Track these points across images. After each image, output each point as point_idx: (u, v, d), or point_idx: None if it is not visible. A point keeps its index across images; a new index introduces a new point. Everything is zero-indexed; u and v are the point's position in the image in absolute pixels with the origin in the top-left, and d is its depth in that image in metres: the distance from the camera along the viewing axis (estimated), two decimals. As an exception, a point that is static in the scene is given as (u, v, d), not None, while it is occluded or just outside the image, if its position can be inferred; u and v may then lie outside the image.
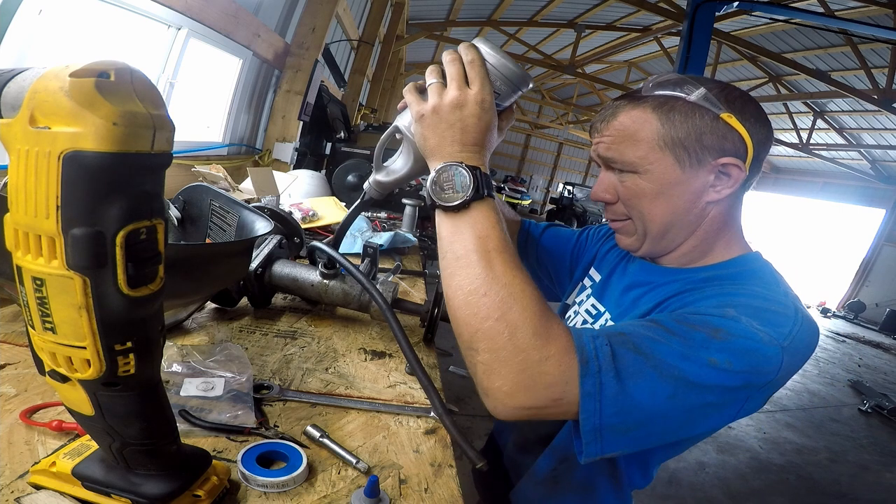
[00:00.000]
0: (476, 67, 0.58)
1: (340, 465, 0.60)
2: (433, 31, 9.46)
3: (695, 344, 0.52)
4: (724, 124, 0.63)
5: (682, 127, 0.63)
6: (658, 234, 0.70)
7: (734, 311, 0.55)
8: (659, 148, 0.65)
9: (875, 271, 11.70)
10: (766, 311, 0.56)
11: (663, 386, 0.50)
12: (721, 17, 6.48)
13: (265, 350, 0.87)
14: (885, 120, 9.54)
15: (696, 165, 0.64)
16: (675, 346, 0.52)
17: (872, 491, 3.24)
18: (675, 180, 0.65)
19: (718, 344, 0.52)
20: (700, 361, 0.51)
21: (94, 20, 1.68)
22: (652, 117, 0.65)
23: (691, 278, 0.69)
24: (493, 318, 0.50)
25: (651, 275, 0.76)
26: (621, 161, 0.68)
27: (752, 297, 0.59)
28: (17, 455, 0.51)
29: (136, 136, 0.32)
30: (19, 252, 0.34)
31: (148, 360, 0.40)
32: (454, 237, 0.56)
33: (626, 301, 0.77)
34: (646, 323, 0.56)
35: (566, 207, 16.13)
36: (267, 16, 2.93)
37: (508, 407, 0.50)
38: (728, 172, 0.64)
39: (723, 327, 0.53)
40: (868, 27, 5.01)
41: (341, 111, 4.46)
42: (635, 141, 0.66)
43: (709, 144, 0.63)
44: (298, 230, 1.34)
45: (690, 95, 0.64)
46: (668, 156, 0.65)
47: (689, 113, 0.63)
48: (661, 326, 0.55)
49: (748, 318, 0.54)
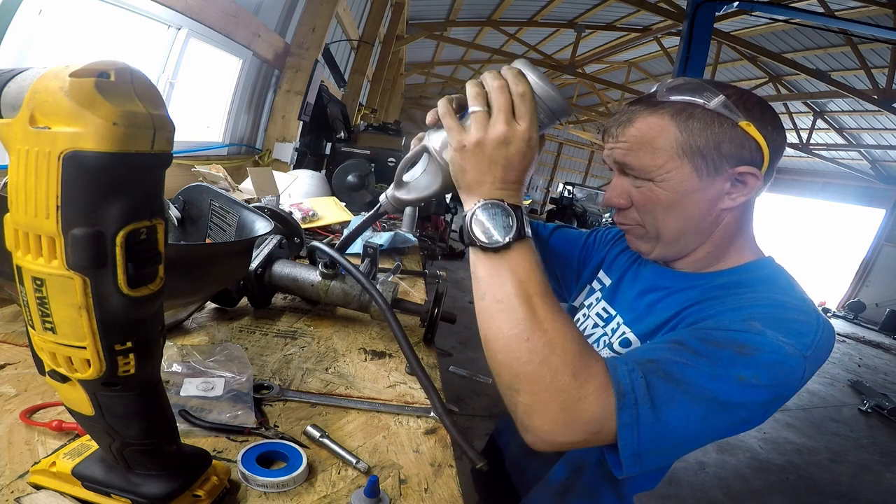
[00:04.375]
0: (527, 102, 0.53)
1: (340, 465, 0.60)
2: (433, 31, 9.45)
3: (722, 363, 0.53)
4: (743, 132, 0.62)
5: (701, 135, 0.62)
6: (671, 240, 0.69)
7: (759, 323, 0.55)
8: (677, 156, 0.64)
9: (875, 271, 11.70)
10: (790, 320, 0.57)
11: (696, 409, 0.52)
12: (721, 17, 6.48)
13: (265, 350, 0.87)
14: (885, 120, 9.54)
15: (713, 174, 0.64)
16: (703, 369, 0.53)
17: (872, 491, 3.24)
18: (691, 189, 0.64)
19: (745, 360, 0.53)
20: (729, 380, 0.52)
21: (94, 20, 1.68)
22: (670, 125, 0.64)
23: (708, 284, 0.68)
24: (535, 363, 0.51)
25: (666, 279, 0.75)
26: (638, 168, 0.66)
27: (774, 306, 0.59)
28: (17, 455, 0.51)
29: (136, 136, 0.32)
30: (19, 252, 0.34)
31: (148, 360, 0.40)
32: (493, 279, 0.54)
33: (640, 306, 0.76)
34: (672, 345, 0.56)
35: (566, 207, 16.13)
36: (267, 16, 2.93)
37: (549, 443, 0.52)
38: (744, 181, 0.64)
39: (748, 343, 0.54)
40: (868, 27, 5.01)
41: (341, 111, 4.46)
42: (653, 149, 0.65)
43: (727, 153, 0.62)
44: (298, 230, 1.34)
45: (710, 103, 0.62)
46: (685, 164, 0.64)
47: (708, 121, 0.62)
48: (688, 348, 0.55)
49: (773, 331, 0.54)
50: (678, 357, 0.54)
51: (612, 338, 0.77)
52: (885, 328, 10.11)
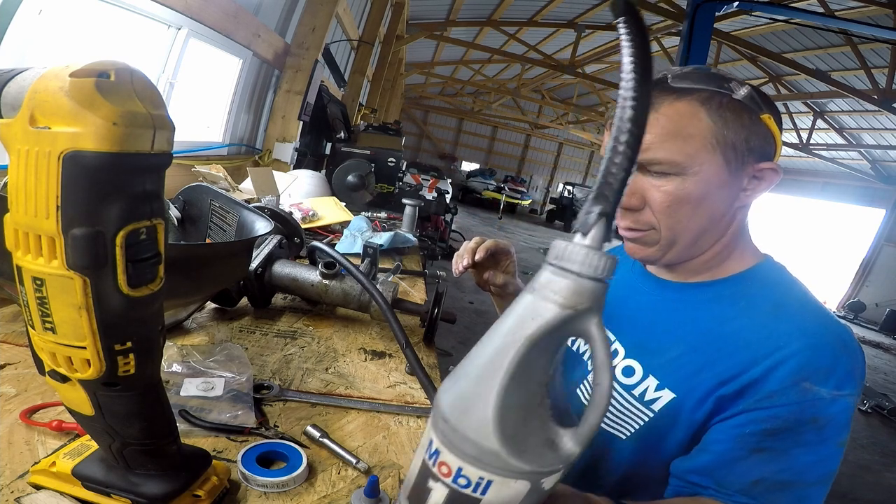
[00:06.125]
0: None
1: (340, 465, 0.60)
2: (433, 31, 9.46)
3: (815, 446, 0.55)
4: (765, 126, 0.59)
5: (734, 126, 0.58)
6: (690, 242, 0.64)
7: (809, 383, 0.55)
8: (711, 147, 0.59)
9: (875, 271, 11.70)
10: (834, 364, 0.56)
11: (823, 489, 0.56)
12: (721, 17, 6.48)
13: (265, 350, 0.87)
14: (885, 120, 9.54)
15: (739, 168, 0.60)
16: (807, 461, 0.55)
17: (872, 491, 3.23)
18: (720, 184, 0.60)
19: (830, 431, 0.55)
20: (833, 454, 0.55)
21: (94, 20, 1.68)
22: (701, 111, 0.58)
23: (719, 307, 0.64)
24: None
25: (665, 295, 0.70)
26: (668, 161, 0.59)
27: (815, 354, 0.56)
28: (17, 455, 0.51)
29: (136, 136, 0.32)
30: (19, 252, 0.34)
31: (148, 360, 0.40)
32: None
33: (642, 330, 0.70)
34: (759, 454, 0.56)
35: (566, 207, 16.15)
36: (267, 16, 2.93)
37: None
38: (762, 176, 0.62)
39: (820, 415, 0.55)
40: (868, 27, 5.01)
41: (341, 111, 4.46)
42: (685, 137, 0.59)
43: (753, 147, 0.60)
44: (298, 230, 1.34)
45: (737, 92, 0.59)
46: (718, 156, 0.59)
47: (738, 111, 0.58)
48: (776, 451, 0.56)
49: (830, 390, 0.55)
50: (776, 465, 0.55)
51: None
52: (885, 328, 10.11)
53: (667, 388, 0.63)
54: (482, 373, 0.33)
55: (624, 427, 0.67)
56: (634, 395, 0.66)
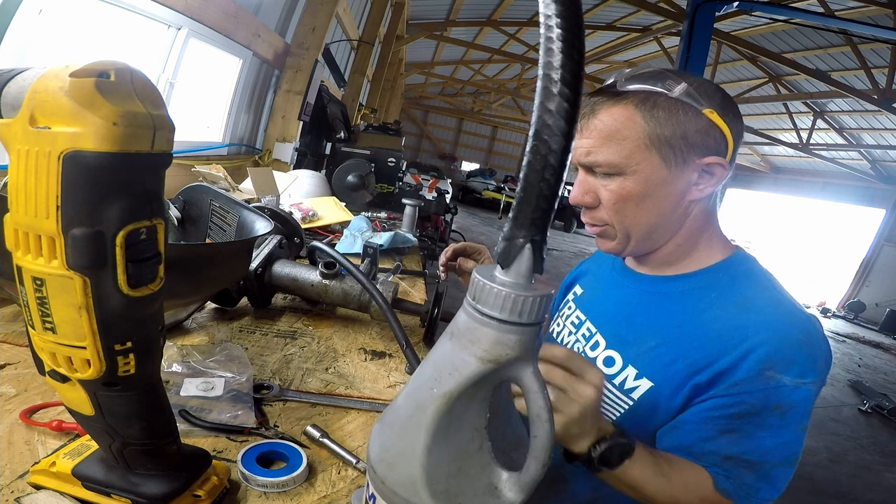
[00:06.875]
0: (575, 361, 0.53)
1: (340, 465, 0.60)
2: (433, 31, 9.46)
3: (779, 429, 0.60)
4: (707, 121, 0.61)
5: (668, 124, 0.61)
6: (643, 236, 0.68)
7: (773, 371, 0.59)
8: (645, 147, 0.62)
9: (875, 271, 11.69)
10: (797, 354, 0.60)
11: (789, 470, 0.61)
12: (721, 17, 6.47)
13: (265, 350, 0.87)
14: (885, 120, 9.53)
15: (681, 164, 0.63)
16: (771, 444, 0.60)
17: (872, 491, 3.23)
18: (661, 180, 0.64)
19: (792, 417, 0.59)
20: (796, 438, 0.60)
21: (94, 20, 1.68)
22: (636, 114, 0.62)
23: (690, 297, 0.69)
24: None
25: (639, 287, 0.75)
26: (606, 164, 0.64)
27: (780, 345, 0.60)
28: (17, 455, 0.51)
29: (136, 136, 0.32)
30: (19, 252, 0.34)
31: (148, 360, 0.40)
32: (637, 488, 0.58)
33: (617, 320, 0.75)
34: (728, 435, 0.60)
35: (566, 207, 16.10)
36: (267, 16, 2.93)
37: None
38: (712, 171, 0.64)
39: (782, 402, 0.59)
40: (868, 27, 5.00)
41: (341, 111, 4.46)
42: (620, 140, 0.63)
43: (694, 142, 0.62)
44: (298, 230, 1.34)
45: (672, 91, 0.61)
46: (654, 155, 0.63)
47: (672, 109, 0.61)
48: (744, 433, 0.60)
49: (792, 378, 0.59)
50: (743, 447, 0.60)
51: (587, 347, 0.76)
52: (885, 328, 10.09)
53: (645, 377, 0.67)
54: (404, 428, 0.30)
55: (606, 416, 0.69)
56: (615, 385, 0.70)
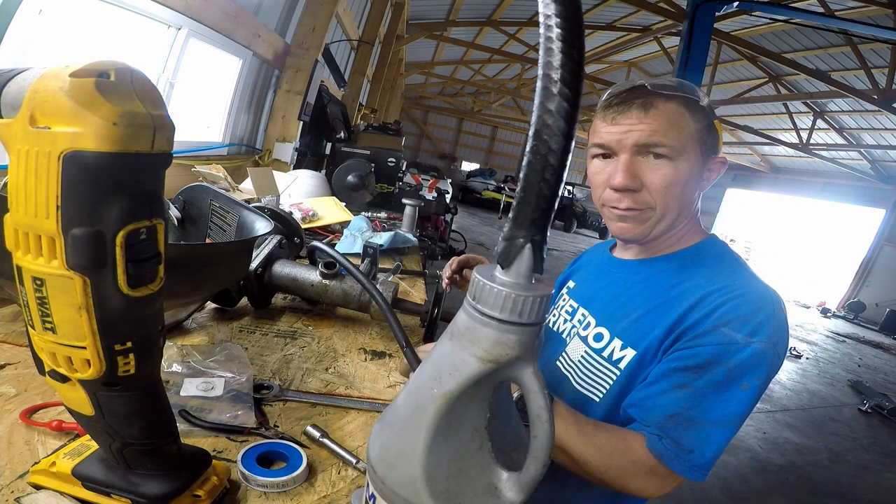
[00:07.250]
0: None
1: (340, 465, 0.60)
2: (433, 31, 9.45)
3: (723, 386, 0.64)
4: (716, 129, 0.75)
5: (704, 127, 0.73)
6: (673, 219, 0.76)
7: (727, 328, 0.65)
8: (694, 141, 0.72)
9: (875, 271, 11.69)
10: (751, 315, 0.66)
11: (724, 431, 0.65)
12: (721, 17, 6.47)
13: (265, 350, 0.87)
14: (885, 120, 9.52)
15: (705, 160, 0.74)
16: (714, 401, 0.64)
17: (872, 491, 3.23)
18: (697, 172, 0.74)
19: (737, 373, 0.64)
20: (737, 397, 0.64)
21: (94, 20, 1.68)
22: (686, 112, 0.72)
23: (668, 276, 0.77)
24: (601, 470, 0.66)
25: (625, 271, 0.83)
26: (670, 146, 0.71)
27: (737, 306, 0.66)
28: (17, 455, 0.51)
29: (136, 136, 0.32)
30: (19, 252, 0.34)
31: (148, 360, 0.40)
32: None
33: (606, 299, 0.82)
34: (678, 391, 0.66)
35: (566, 207, 16.10)
36: (267, 16, 2.93)
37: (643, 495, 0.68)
38: (713, 168, 0.77)
39: (731, 359, 0.64)
40: (868, 27, 5.00)
41: (341, 111, 4.46)
42: (679, 129, 0.71)
43: (711, 144, 0.74)
44: (298, 230, 1.34)
45: (702, 100, 0.73)
46: (697, 148, 0.72)
47: (704, 115, 0.73)
48: (693, 389, 0.65)
49: (744, 335, 0.64)
50: (689, 403, 0.64)
51: (581, 329, 0.82)
52: (885, 328, 10.09)
53: (629, 347, 0.74)
54: (404, 428, 0.30)
55: (597, 388, 0.77)
56: (604, 357, 0.77)
